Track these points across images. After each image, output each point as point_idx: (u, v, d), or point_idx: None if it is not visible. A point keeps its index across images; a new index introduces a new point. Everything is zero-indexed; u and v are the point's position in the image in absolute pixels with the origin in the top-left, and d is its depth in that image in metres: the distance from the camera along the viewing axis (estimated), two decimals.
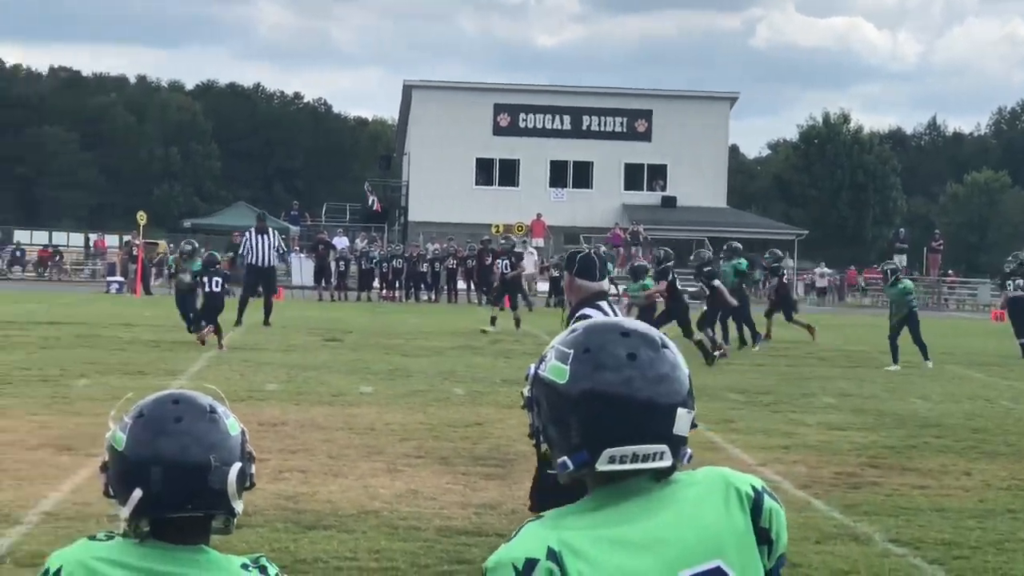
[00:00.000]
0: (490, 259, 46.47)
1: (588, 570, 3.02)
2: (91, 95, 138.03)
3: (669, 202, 74.66)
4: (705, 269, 30.37)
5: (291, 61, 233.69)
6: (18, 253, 72.41)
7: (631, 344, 3.10)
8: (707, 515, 3.11)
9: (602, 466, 3.05)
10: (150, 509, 3.38)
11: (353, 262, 57.27)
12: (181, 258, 32.00)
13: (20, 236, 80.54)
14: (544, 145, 74.71)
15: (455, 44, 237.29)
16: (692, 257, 33.83)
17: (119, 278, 59.00)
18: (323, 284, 54.48)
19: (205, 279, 28.50)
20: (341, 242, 60.88)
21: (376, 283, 56.12)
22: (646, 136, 75.89)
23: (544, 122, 75.41)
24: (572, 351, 3.11)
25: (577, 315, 9.04)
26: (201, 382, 17.72)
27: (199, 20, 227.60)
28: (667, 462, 3.09)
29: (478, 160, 75.34)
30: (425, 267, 55.99)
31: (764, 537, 3.15)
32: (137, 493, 3.36)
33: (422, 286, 56.10)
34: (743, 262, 31.86)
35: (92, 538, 3.47)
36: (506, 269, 38.04)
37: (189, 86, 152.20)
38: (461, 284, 56.38)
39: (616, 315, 9.13)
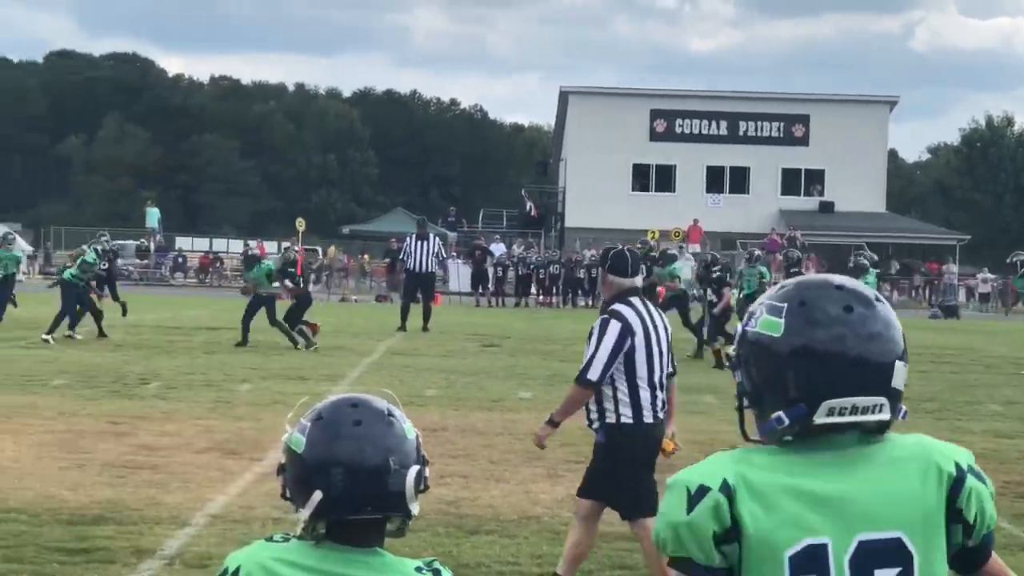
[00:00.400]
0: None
1: (760, 512, 2.99)
2: (251, 103, 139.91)
3: (827, 207, 73.86)
4: (714, 273, 28.99)
5: (447, 68, 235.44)
6: (180, 259, 73.50)
7: (845, 298, 3.08)
8: (899, 484, 3.06)
9: (820, 419, 3.02)
10: (329, 511, 3.40)
11: (510, 268, 57.39)
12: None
13: (182, 243, 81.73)
14: (700, 150, 74.29)
15: (610, 49, 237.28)
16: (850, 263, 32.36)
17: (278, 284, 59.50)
18: (480, 290, 54.63)
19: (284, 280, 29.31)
20: (498, 248, 61.02)
21: (533, 288, 56.21)
22: (803, 141, 75.15)
23: (700, 127, 75.00)
24: (786, 304, 3.09)
25: (608, 310, 9.21)
26: (360, 387, 17.79)
27: (356, 28, 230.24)
28: (885, 415, 3.07)
29: (634, 166, 75.09)
30: (582, 273, 55.95)
31: (957, 517, 3.09)
32: (317, 495, 3.39)
33: (579, 291, 56.10)
34: (765, 271, 30.12)
35: (269, 539, 3.51)
36: None
37: (347, 93, 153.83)
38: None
39: (649, 310, 9.26)
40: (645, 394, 9.17)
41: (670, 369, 9.44)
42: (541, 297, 56.01)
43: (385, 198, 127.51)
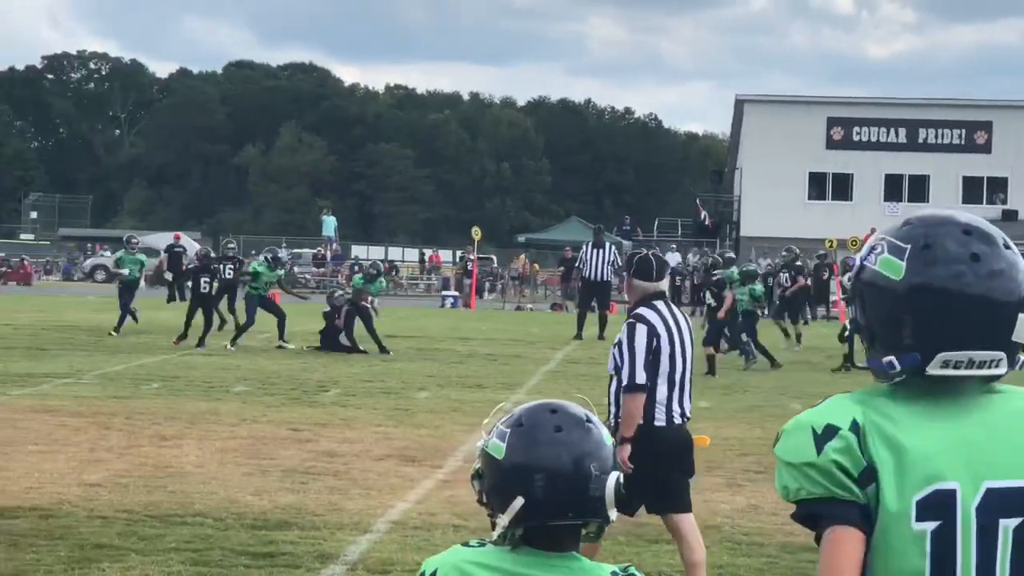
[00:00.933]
0: (826, 274, 45.69)
1: (889, 456, 2.91)
2: (425, 112, 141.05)
3: (1010, 216, 72.36)
4: (714, 277, 28.78)
5: (622, 76, 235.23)
6: (356, 268, 74.26)
7: (972, 243, 2.95)
8: (1022, 434, 2.96)
9: (934, 370, 2.92)
10: (530, 517, 3.38)
11: (686, 277, 57.10)
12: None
13: (357, 251, 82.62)
14: (878, 158, 73.34)
15: (785, 57, 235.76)
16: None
17: (454, 292, 59.94)
18: None
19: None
20: (673, 257, 60.81)
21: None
22: (986, 148, 73.81)
23: (879, 135, 74.02)
24: (909, 246, 2.97)
25: (632, 315, 9.32)
26: (538, 395, 17.83)
27: (530, 37, 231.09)
28: (1002, 370, 2.95)
29: (811, 174, 74.35)
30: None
31: None
32: (518, 501, 3.37)
33: None
34: (757, 288, 29.03)
35: (465, 545, 3.49)
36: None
37: (521, 102, 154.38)
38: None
39: (673, 313, 9.36)
40: (668, 395, 9.28)
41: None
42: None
43: (558, 206, 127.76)
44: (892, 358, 2.95)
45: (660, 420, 9.25)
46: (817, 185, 74.73)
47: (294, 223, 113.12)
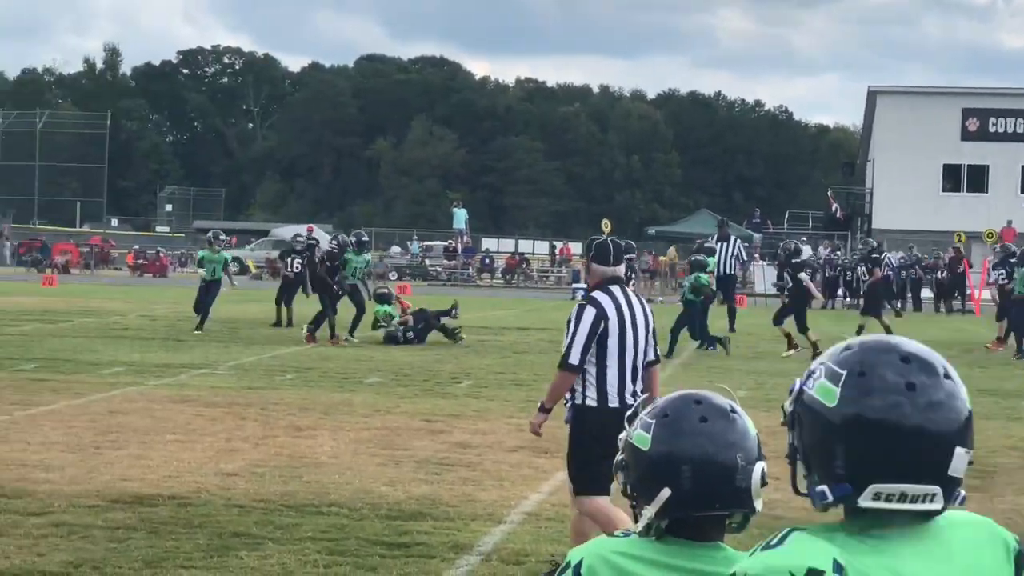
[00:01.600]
0: (960, 268, 45.22)
1: None
2: (556, 105, 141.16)
3: None
4: (794, 260, 29.14)
5: (751, 68, 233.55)
6: (487, 260, 74.51)
7: (911, 372, 2.80)
8: (984, 563, 2.87)
9: (865, 502, 2.78)
10: (676, 508, 3.39)
11: (817, 270, 56.65)
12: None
13: (488, 244, 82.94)
14: (1016, 150, 72.27)
15: (918, 48, 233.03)
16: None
17: (583, 284, 59.87)
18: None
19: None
20: (805, 250, 60.29)
21: (840, 291, 55.45)
22: None
23: (1016, 126, 72.95)
24: (845, 372, 2.83)
25: (585, 297, 9.74)
26: (669, 388, 17.86)
27: (660, 30, 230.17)
28: (937, 505, 2.80)
29: (945, 166, 73.44)
30: (889, 275, 54.92)
31: None
32: (665, 492, 3.38)
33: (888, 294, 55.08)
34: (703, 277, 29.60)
35: (609, 536, 3.50)
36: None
37: (651, 95, 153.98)
38: (926, 293, 55.19)
39: (628, 298, 9.61)
40: (613, 379, 9.46)
41: (652, 357, 9.72)
42: (847, 299, 55.17)
43: (688, 199, 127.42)
44: (824, 488, 2.83)
45: (613, 402, 9.42)
46: (952, 177, 73.78)
47: (424, 216, 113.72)
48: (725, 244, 34.89)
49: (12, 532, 10.45)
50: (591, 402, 9.46)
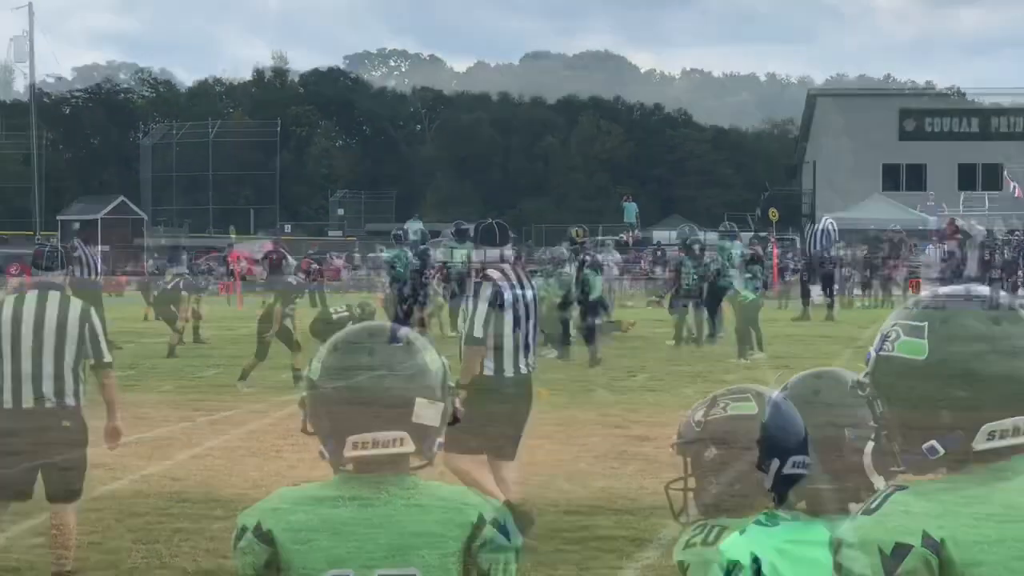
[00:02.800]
0: None
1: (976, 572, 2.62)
2: (722, 95, 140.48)
3: None
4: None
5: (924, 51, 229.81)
6: (659, 253, 74.25)
7: (988, 312, 2.78)
8: None
9: (980, 444, 2.70)
10: (782, 484, 3.60)
11: (995, 250, 55.51)
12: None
13: (659, 236, 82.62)
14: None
15: None
16: None
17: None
18: None
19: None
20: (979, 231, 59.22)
21: None
22: None
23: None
24: (926, 323, 2.79)
25: (480, 275, 10.40)
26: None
27: (826, 16, 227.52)
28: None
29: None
30: None
31: None
32: (775, 464, 3.58)
33: None
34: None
35: (757, 523, 3.58)
36: None
37: (817, 81, 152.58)
38: None
39: (519, 276, 10.59)
40: (514, 348, 10.25)
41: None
42: None
43: (859, 184, 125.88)
44: (933, 443, 2.73)
45: (508, 371, 10.21)
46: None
47: (594, 210, 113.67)
48: None
49: (198, 536, 10.63)
50: (488, 372, 10.22)
